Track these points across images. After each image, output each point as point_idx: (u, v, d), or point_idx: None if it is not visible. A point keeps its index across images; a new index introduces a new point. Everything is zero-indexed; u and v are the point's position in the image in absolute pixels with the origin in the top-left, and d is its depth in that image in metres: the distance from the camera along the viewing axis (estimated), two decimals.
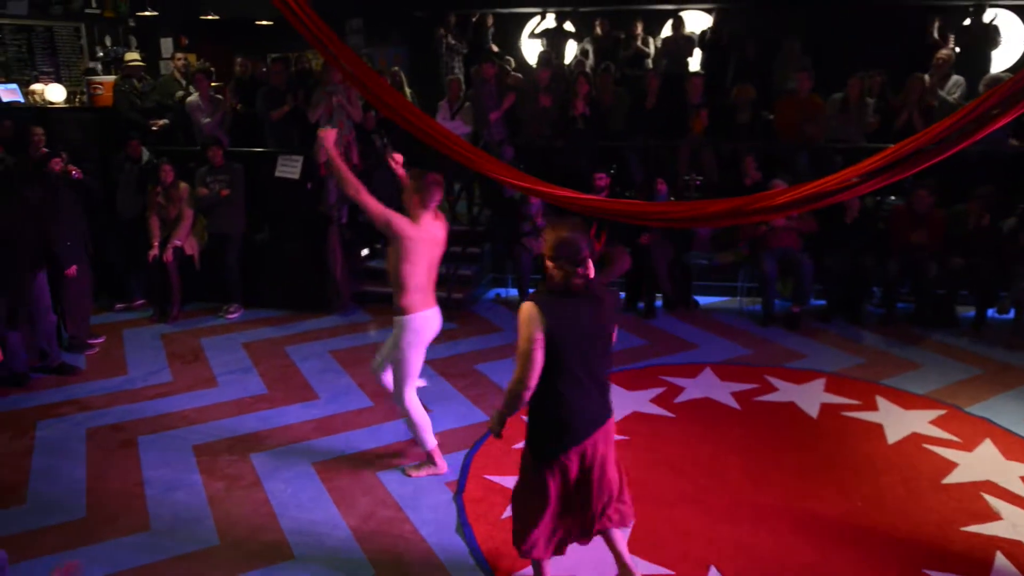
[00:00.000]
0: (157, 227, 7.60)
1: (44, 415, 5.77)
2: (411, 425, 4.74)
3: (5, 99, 9.82)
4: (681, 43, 10.33)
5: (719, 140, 8.27)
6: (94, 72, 10.49)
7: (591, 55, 11.16)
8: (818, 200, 4.32)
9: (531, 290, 7.94)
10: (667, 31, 11.14)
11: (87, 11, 11.56)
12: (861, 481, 4.74)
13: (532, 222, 7.79)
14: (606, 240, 7.65)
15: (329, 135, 4.63)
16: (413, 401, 4.70)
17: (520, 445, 5.13)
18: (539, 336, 3.22)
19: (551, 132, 8.63)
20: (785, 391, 5.99)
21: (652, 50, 11.03)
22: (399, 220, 4.44)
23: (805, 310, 7.48)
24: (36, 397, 6.07)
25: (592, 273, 3.32)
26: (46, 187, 6.41)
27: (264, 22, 12.36)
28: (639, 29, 11.00)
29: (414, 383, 4.74)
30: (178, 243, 7.58)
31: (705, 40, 10.41)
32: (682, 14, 10.68)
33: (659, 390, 6.02)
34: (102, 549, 4.20)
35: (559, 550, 3.59)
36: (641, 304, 7.84)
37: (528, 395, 3.31)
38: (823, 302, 7.69)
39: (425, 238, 4.51)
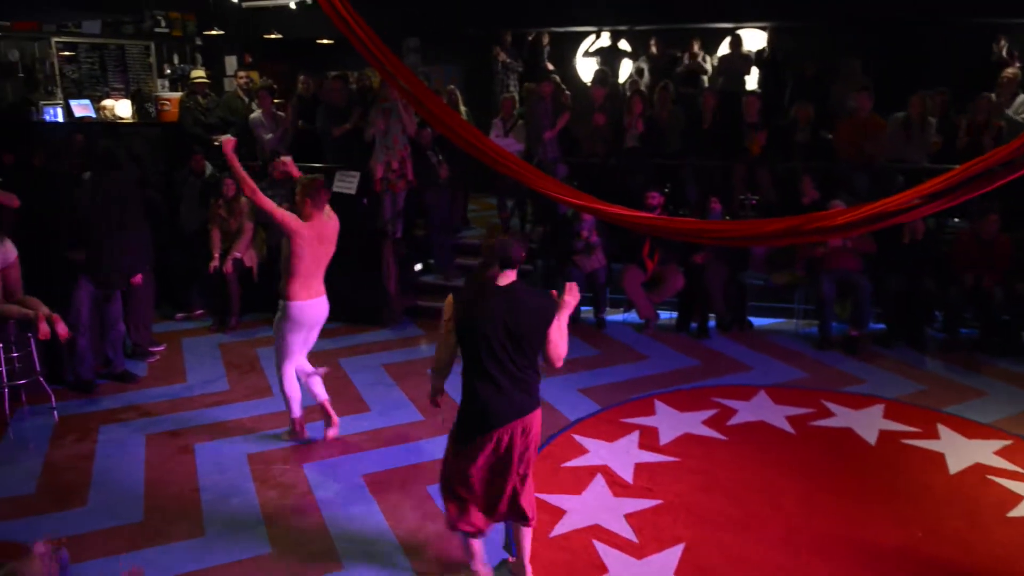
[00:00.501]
0: (218, 239, 7.80)
1: (106, 420, 5.94)
2: (284, 397, 5.40)
3: (78, 114, 10.24)
4: (738, 61, 10.25)
5: (776, 159, 8.16)
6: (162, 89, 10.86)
7: (646, 73, 11.14)
8: (879, 221, 4.22)
9: (583, 308, 7.95)
10: (723, 49, 11.07)
11: (156, 30, 11.98)
12: (921, 512, 4.60)
13: (584, 240, 7.78)
14: (660, 259, 7.61)
15: (228, 142, 5.18)
16: (288, 377, 5.33)
17: (569, 463, 5.14)
18: (450, 324, 3.65)
19: (605, 151, 8.62)
20: (842, 416, 5.85)
21: (709, 67, 10.97)
22: (291, 219, 4.97)
23: (864, 334, 7.31)
24: (99, 402, 6.27)
25: (514, 276, 3.65)
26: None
27: (325, 41, 12.64)
28: (696, 47, 10.96)
29: (291, 362, 5.31)
30: (238, 255, 7.76)
31: (762, 58, 10.32)
32: (740, 32, 10.60)
33: (711, 412, 5.93)
34: (158, 553, 4.29)
35: (484, 531, 3.86)
36: (694, 324, 7.76)
37: (441, 369, 3.85)
38: (882, 326, 7.50)
39: (314, 235, 5.06)
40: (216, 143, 8.94)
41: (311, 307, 5.19)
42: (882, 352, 7.18)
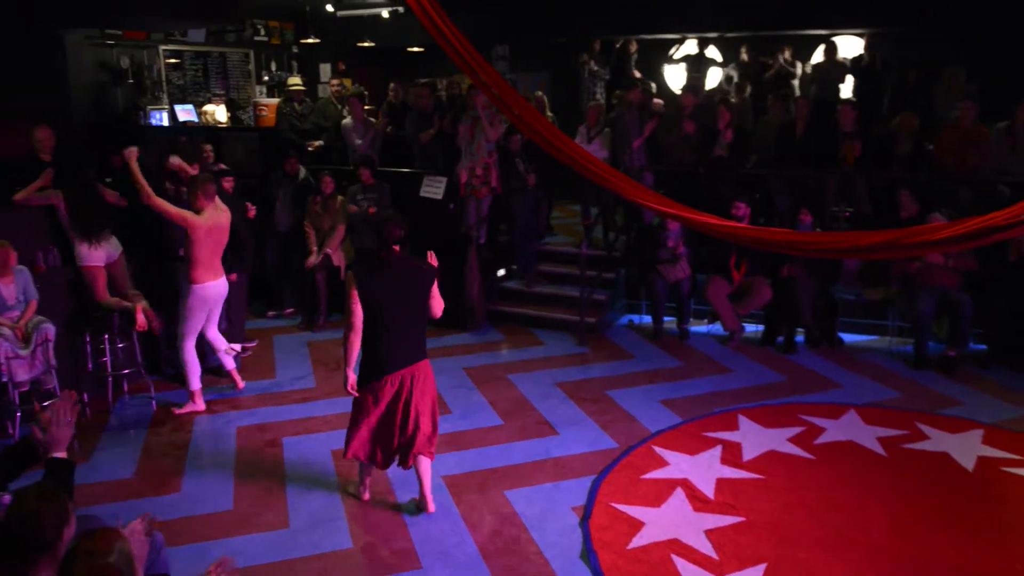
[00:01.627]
0: (313, 236, 8.04)
1: (201, 411, 6.19)
2: (183, 366, 6.11)
3: (182, 118, 10.73)
4: (833, 69, 9.95)
5: (872, 170, 7.89)
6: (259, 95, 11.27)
7: (735, 81, 10.95)
8: (984, 236, 4.05)
9: (666, 318, 7.86)
10: (817, 56, 10.77)
11: (256, 39, 12.47)
12: (1021, 544, 4.35)
13: (669, 249, 7.69)
14: (746, 270, 7.45)
15: (131, 152, 5.82)
16: (189, 351, 6.10)
17: (649, 475, 5.08)
18: (353, 294, 4.32)
19: (693, 159, 8.51)
20: (938, 440, 5.59)
21: (799, 71, 10.69)
22: (187, 216, 5.78)
23: (962, 354, 6.98)
24: None
25: (398, 250, 4.42)
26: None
27: (416, 48, 12.88)
28: (787, 54, 10.70)
29: (193, 337, 6.10)
30: (328, 251, 7.98)
31: (859, 66, 9.99)
32: (834, 39, 10.29)
33: (798, 429, 5.77)
34: (244, 542, 4.45)
35: (383, 464, 4.63)
36: (781, 338, 7.56)
37: (353, 337, 4.37)
38: (983, 347, 7.15)
39: (209, 226, 5.83)
40: (310, 148, 9.26)
41: (214, 287, 6.03)
42: (981, 374, 6.84)
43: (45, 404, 5.76)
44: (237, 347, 6.55)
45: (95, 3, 7.57)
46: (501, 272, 8.79)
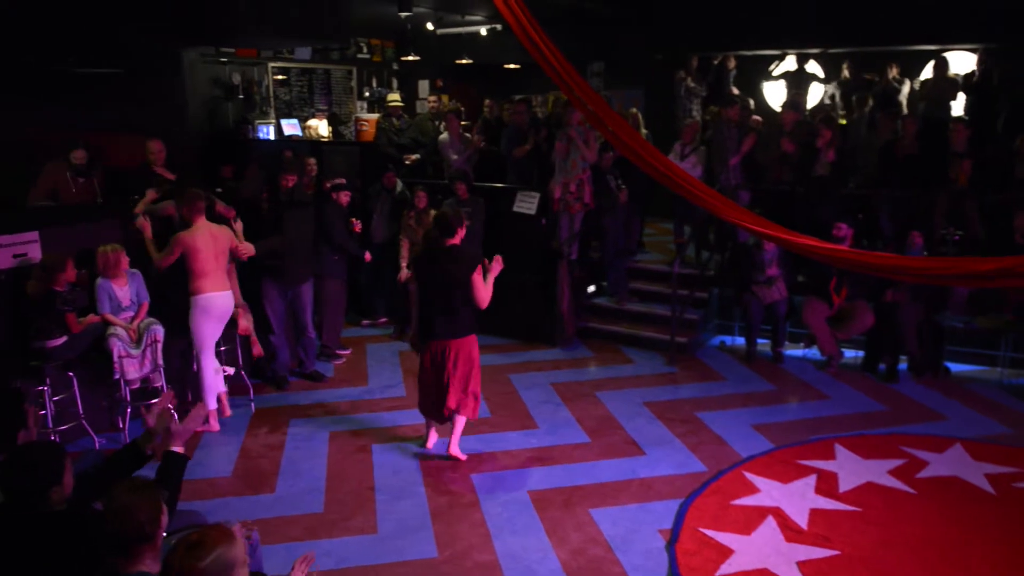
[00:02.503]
0: (407, 250, 8.22)
1: (296, 415, 6.40)
2: (201, 384, 6.03)
3: (287, 132, 11.17)
4: (943, 86, 9.53)
5: (986, 192, 7.50)
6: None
7: (838, 99, 10.61)
8: None
9: (760, 340, 7.66)
10: (926, 73, 10.34)
11: (359, 56, 12.88)
12: None
13: (766, 274, 7.50)
14: (847, 294, 7.20)
15: (144, 226, 6.08)
16: (206, 367, 6.02)
17: (739, 502, 4.95)
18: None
19: (792, 178, 8.29)
20: None
21: (906, 88, 10.29)
22: (179, 240, 5.82)
23: None
24: (290, 398, 6.76)
25: (455, 240, 5.26)
26: (328, 212, 7.26)
27: (512, 66, 13.04)
28: (894, 72, 10.32)
29: (210, 352, 6.04)
30: None
31: (971, 83, 9.53)
32: (945, 55, 9.86)
33: (899, 462, 5.51)
34: (334, 545, 4.56)
35: (428, 414, 5.64)
36: (882, 366, 7.25)
37: (412, 307, 5.49)
38: None
39: (200, 239, 5.85)
40: (407, 162, 9.48)
41: (216, 299, 5.96)
42: None
43: (150, 403, 6.10)
44: (230, 370, 6.47)
45: (214, 24, 7.98)
46: (591, 288, 8.76)
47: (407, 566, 4.35)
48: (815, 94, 11.27)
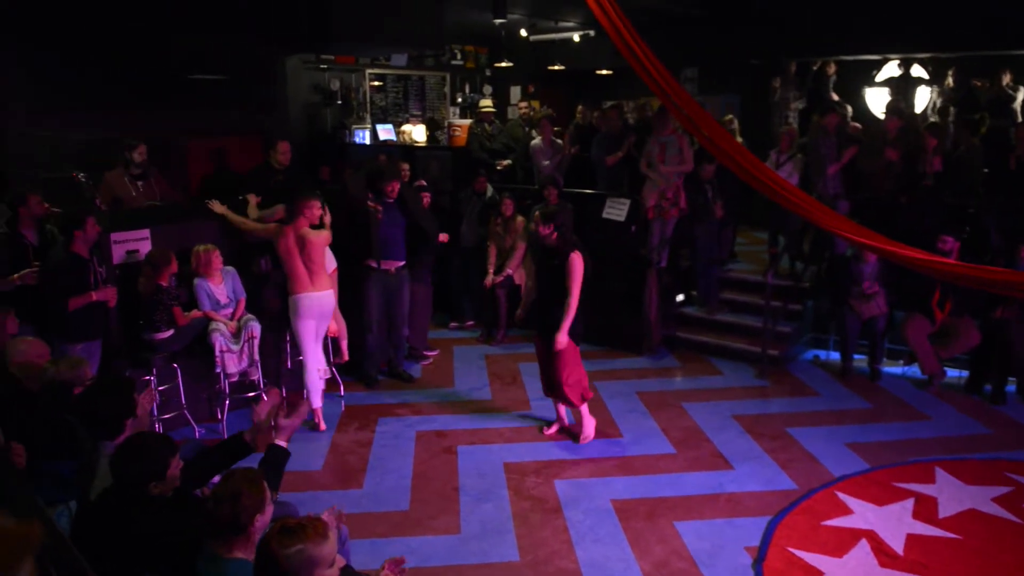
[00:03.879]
0: (494, 255, 8.30)
1: (384, 413, 6.54)
2: (306, 383, 6.17)
3: (382, 137, 11.44)
4: None
5: None
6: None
7: (940, 105, 10.14)
8: None
9: (856, 356, 7.38)
10: None
11: (453, 63, 13.08)
12: None
13: (863, 284, 7.22)
14: (952, 310, 6.87)
15: (214, 206, 6.39)
16: (310, 368, 6.13)
17: (831, 522, 4.79)
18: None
19: (894, 188, 7.96)
20: None
21: (1021, 96, 9.75)
22: (284, 231, 6.00)
23: None
24: (379, 397, 6.91)
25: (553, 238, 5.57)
26: (409, 199, 7.35)
27: (604, 71, 12.99)
28: (1007, 78, 9.79)
29: (315, 350, 6.13)
30: (509, 271, 8.20)
31: None
32: None
33: (1004, 489, 5.22)
34: (418, 543, 4.63)
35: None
36: (988, 387, 6.88)
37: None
38: None
39: (294, 239, 5.98)
40: (498, 167, 9.57)
41: (315, 298, 6.06)
42: None
43: (259, 398, 6.35)
44: (327, 374, 6.48)
45: (318, 32, 8.27)
46: (680, 297, 8.63)
47: (489, 568, 4.39)
48: (920, 100, 10.81)
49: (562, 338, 5.58)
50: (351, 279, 6.98)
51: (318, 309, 6.12)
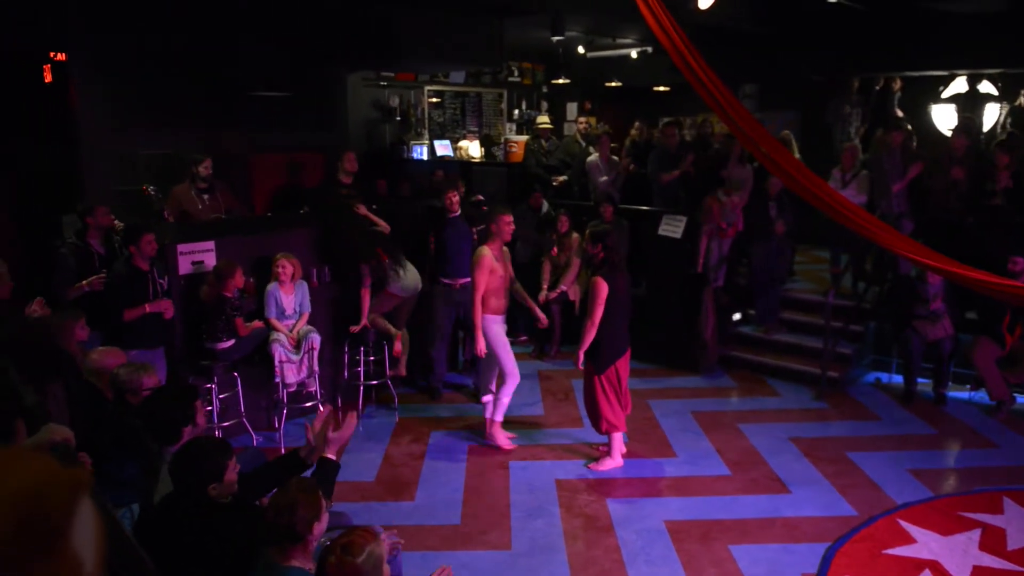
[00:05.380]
0: (548, 271, 8.30)
1: (438, 427, 6.58)
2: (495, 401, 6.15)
3: (439, 152, 11.57)
4: None
5: None
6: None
7: (1009, 123, 9.83)
8: None
9: (920, 380, 7.17)
10: None
11: (510, 79, 13.17)
12: None
13: (929, 305, 7.02)
14: (1021, 333, 6.63)
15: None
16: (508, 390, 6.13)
17: (893, 551, 4.64)
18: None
19: (961, 207, 7.73)
20: None
21: None
22: (480, 264, 5.90)
23: None
24: (432, 410, 6.97)
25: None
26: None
27: (661, 88, 12.94)
28: None
29: (511, 374, 6.08)
30: (564, 288, 8.19)
31: None
32: None
33: None
34: (468, 557, 4.64)
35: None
36: None
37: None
38: None
39: (488, 264, 5.92)
40: (554, 183, 9.61)
41: (498, 321, 6.10)
42: None
43: (307, 405, 6.46)
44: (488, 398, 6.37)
45: (382, 50, 8.44)
46: (737, 316, 8.50)
47: None
48: (989, 117, 10.50)
49: (579, 357, 5.58)
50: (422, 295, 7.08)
51: (500, 329, 6.17)
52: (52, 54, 7.64)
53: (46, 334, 4.44)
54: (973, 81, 10.68)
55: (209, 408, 5.90)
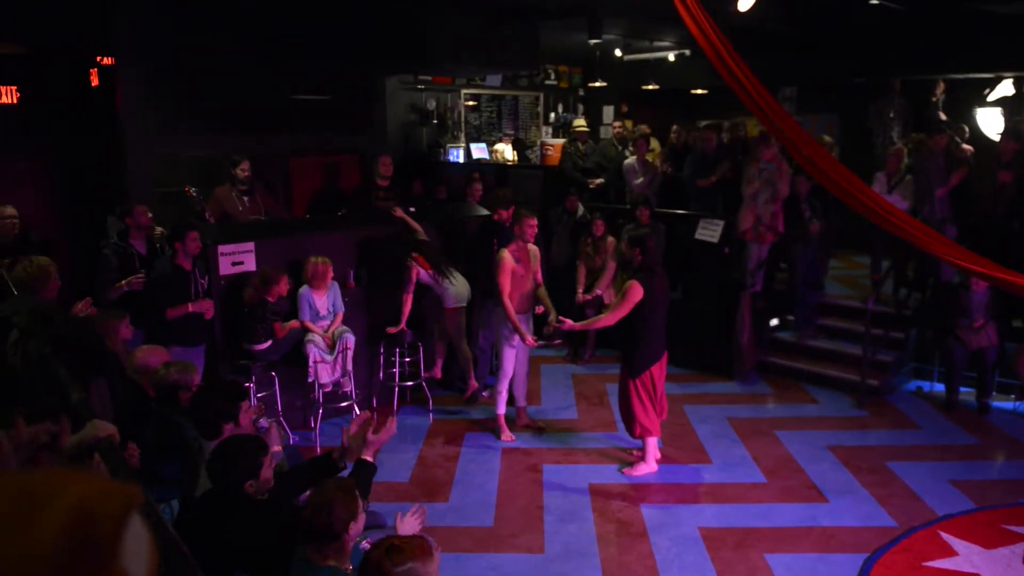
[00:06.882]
0: (583, 275, 8.28)
1: (471, 429, 6.61)
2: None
3: (475, 156, 11.61)
4: None
5: None
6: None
7: None
8: None
9: (963, 389, 7.02)
10: None
11: (547, 83, 13.17)
12: None
13: (972, 313, 6.87)
14: None
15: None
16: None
17: (933, 564, 4.56)
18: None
19: (1007, 212, 7.55)
20: None
21: None
22: (501, 266, 6.05)
23: None
24: (467, 412, 6.99)
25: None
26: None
27: (698, 91, 12.85)
28: None
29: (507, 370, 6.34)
30: (599, 292, 8.16)
31: None
32: None
33: None
34: (501, 560, 4.65)
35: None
36: None
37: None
38: None
39: (509, 266, 6.05)
40: (591, 186, 9.59)
41: (522, 322, 6.21)
42: None
43: (342, 405, 6.52)
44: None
45: (419, 53, 8.51)
46: (774, 322, 8.40)
47: None
48: None
49: (570, 326, 5.81)
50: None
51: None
52: (99, 58, 7.83)
53: (92, 333, 4.54)
54: (1020, 84, 10.43)
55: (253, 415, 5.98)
